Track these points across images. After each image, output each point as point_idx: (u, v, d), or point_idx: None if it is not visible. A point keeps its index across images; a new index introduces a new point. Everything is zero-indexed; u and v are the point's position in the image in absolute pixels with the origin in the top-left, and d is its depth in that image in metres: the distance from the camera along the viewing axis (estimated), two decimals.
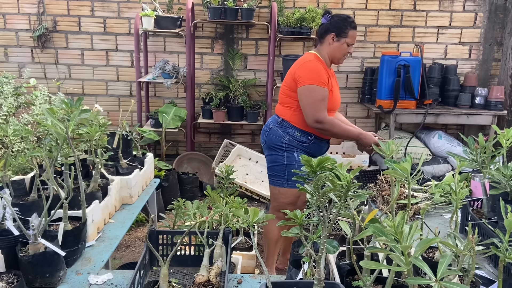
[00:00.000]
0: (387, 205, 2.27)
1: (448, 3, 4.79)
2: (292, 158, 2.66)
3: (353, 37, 2.70)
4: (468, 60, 4.94)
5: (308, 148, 2.69)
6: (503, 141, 1.78)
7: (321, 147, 2.76)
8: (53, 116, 1.60)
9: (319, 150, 2.74)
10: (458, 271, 1.00)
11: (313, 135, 2.67)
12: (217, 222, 2.13)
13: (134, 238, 3.59)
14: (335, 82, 2.75)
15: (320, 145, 2.74)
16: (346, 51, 2.70)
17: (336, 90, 2.72)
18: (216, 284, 1.52)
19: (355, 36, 2.71)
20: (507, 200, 1.73)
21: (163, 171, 4.00)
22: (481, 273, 1.63)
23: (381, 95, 4.38)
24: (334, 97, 2.66)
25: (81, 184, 1.78)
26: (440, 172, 4.51)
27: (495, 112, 4.39)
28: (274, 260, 2.80)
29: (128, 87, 4.95)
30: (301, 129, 2.67)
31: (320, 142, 2.71)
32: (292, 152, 2.66)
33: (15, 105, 3.63)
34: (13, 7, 4.71)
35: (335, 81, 2.76)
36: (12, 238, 1.62)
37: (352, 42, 2.70)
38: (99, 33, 4.79)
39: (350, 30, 2.66)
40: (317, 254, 1.25)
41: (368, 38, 4.86)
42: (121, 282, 1.67)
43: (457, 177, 1.47)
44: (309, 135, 2.67)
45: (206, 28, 4.80)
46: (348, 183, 1.17)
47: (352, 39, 2.69)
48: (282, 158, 2.66)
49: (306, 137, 2.66)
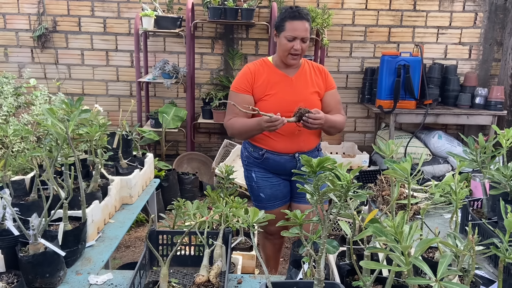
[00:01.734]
0: (387, 205, 2.27)
1: (448, 3, 4.79)
2: (251, 178, 2.47)
3: (292, 29, 2.26)
4: (468, 60, 4.94)
5: (263, 165, 2.41)
6: (503, 141, 1.78)
7: (280, 164, 2.37)
8: (53, 116, 1.60)
9: (279, 166, 2.38)
10: (458, 271, 1.00)
11: (264, 150, 2.37)
12: (217, 222, 2.12)
13: (134, 238, 3.59)
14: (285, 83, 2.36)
15: (277, 161, 2.36)
16: (287, 47, 2.28)
17: (279, 92, 2.33)
18: (216, 284, 1.52)
19: (295, 27, 2.26)
20: (507, 200, 1.73)
21: (163, 171, 4.00)
22: (481, 273, 1.63)
23: (381, 95, 4.38)
24: (273, 101, 2.30)
25: (81, 184, 1.78)
26: (440, 172, 4.51)
27: (495, 112, 4.39)
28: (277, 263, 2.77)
29: (128, 87, 4.95)
30: (252, 143, 2.42)
31: (275, 156, 2.36)
32: (250, 171, 2.47)
33: (15, 105, 3.63)
34: (13, 7, 4.71)
35: (290, 81, 2.36)
36: (12, 238, 1.62)
37: (291, 35, 2.26)
38: (99, 33, 4.79)
39: (287, 21, 2.27)
40: (317, 254, 1.25)
41: (368, 38, 4.86)
42: (121, 282, 1.67)
43: (457, 177, 1.47)
44: (259, 149, 2.39)
45: (206, 28, 4.80)
46: (348, 183, 1.17)
47: (291, 32, 2.26)
48: (245, 178, 2.53)
49: (257, 152, 2.39)
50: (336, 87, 2.50)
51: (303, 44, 2.30)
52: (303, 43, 2.30)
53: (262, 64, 2.41)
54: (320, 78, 2.44)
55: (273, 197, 2.47)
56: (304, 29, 2.28)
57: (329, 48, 4.83)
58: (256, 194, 2.51)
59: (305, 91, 2.38)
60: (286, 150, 2.36)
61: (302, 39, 2.29)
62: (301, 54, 2.33)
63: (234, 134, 2.41)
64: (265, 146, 2.37)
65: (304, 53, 2.37)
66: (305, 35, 2.29)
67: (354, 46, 4.89)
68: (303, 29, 2.28)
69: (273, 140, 2.35)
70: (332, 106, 2.45)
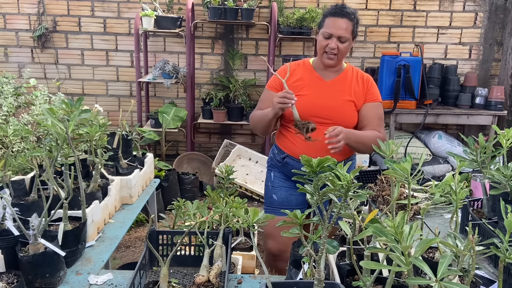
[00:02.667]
0: (387, 205, 2.27)
1: (448, 3, 4.79)
2: (268, 177, 2.39)
3: (329, 25, 2.13)
4: (468, 60, 4.94)
5: (283, 169, 2.32)
6: (503, 141, 1.78)
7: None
8: (53, 116, 1.60)
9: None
10: (458, 271, 1.00)
11: (286, 154, 2.28)
12: (217, 222, 2.12)
13: (134, 238, 3.59)
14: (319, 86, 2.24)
15: (296, 167, 2.13)
16: (322, 44, 2.17)
17: (310, 94, 2.22)
18: (216, 284, 1.52)
19: (331, 24, 2.13)
20: (507, 200, 1.73)
21: (163, 171, 4.00)
22: (481, 273, 1.63)
23: (381, 95, 4.37)
24: (301, 102, 2.15)
25: (81, 184, 1.78)
26: (440, 172, 4.51)
27: (495, 112, 4.39)
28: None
29: (128, 87, 4.95)
30: (278, 145, 2.35)
31: (295, 163, 2.24)
32: (270, 171, 2.39)
33: (15, 105, 3.62)
34: (13, 7, 4.71)
35: (324, 85, 2.24)
36: (12, 238, 1.62)
37: (327, 31, 2.13)
38: (99, 33, 4.79)
39: (327, 17, 2.16)
40: (317, 254, 1.25)
41: (368, 38, 4.86)
42: (121, 282, 1.67)
43: (457, 177, 1.47)
44: (282, 153, 2.29)
45: (206, 28, 4.80)
46: (348, 183, 1.17)
47: (327, 28, 2.14)
48: (266, 180, 2.44)
49: (280, 155, 2.31)
50: (379, 101, 2.29)
51: (340, 43, 2.13)
52: (340, 43, 2.13)
53: (300, 64, 2.32)
54: (362, 87, 2.27)
55: (286, 202, 2.33)
56: (343, 27, 2.11)
57: (352, 48, 4.81)
58: (269, 195, 2.40)
59: (339, 98, 2.22)
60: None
61: (339, 38, 2.12)
62: (338, 55, 2.16)
63: (252, 123, 2.33)
64: (287, 150, 2.28)
65: (343, 55, 2.21)
66: (343, 34, 2.11)
67: (354, 46, 4.88)
68: (341, 27, 2.11)
69: (294, 145, 2.25)
70: (369, 120, 2.24)
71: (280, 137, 2.34)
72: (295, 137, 2.20)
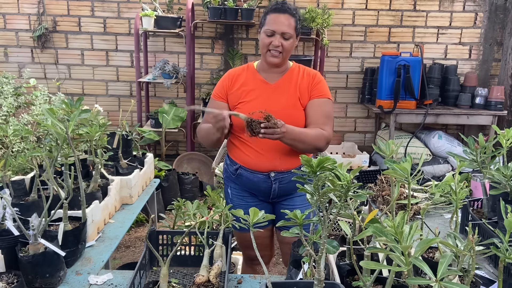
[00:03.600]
0: (387, 205, 2.27)
1: (448, 3, 4.79)
2: (226, 194, 2.24)
3: (271, 22, 2.00)
4: (468, 60, 4.94)
5: (238, 181, 2.15)
6: (503, 141, 1.78)
7: (254, 183, 2.09)
8: (53, 116, 1.60)
9: (253, 185, 2.10)
10: (458, 271, 1.00)
11: (238, 165, 2.11)
12: (217, 222, 2.12)
13: (134, 238, 3.59)
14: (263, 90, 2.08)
15: (250, 179, 2.09)
16: (265, 42, 2.01)
17: (254, 100, 2.07)
18: (216, 284, 1.52)
19: (273, 21, 1.99)
20: (507, 200, 1.73)
21: (163, 171, 4.00)
22: (481, 273, 1.63)
23: (381, 95, 4.38)
24: (246, 108, 2.02)
25: (81, 184, 1.78)
26: (440, 172, 4.51)
27: (495, 112, 4.39)
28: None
29: (128, 87, 4.95)
30: (229, 156, 2.19)
31: (248, 174, 2.08)
32: (227, 186, 2.23)
33: (15, 105, 3.63)
34: (13, 7, 4.71)
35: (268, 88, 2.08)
36: (12, 238, 1.62)
37: (270, 28, 1.99)
38: (99, 33, 4.79)
39: (268, 15, 2.03)
40: (317, 254, 1.25)
41: (368, 38, 4.86)
42: (121, 282, 1.67)
43: (457, 177, 1.47)
44: (234, 164, 2.13)
45: (206, 28, 4.80)
46: (348, 183, 1.17)
47: (269, 25, 2.00)
48: (224, 193, 2.32)
49: (232, 166, 2.14)
50: (327, 98, 2.09)
51: (284, 40, 1.99)
52: (284, 40, 1.99)
53: (244, 68, 2.17)
54: (307, 83, 2.09)
55: None
56: (285, 23, 1.99)
57: (329, 48, 4.83)
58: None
59: (285, 101, 2.06)
60: (259, 168, 2.06)
61: (282, 35, 1.98)
62: (283, 53, 2.02)
63: (199, 138, 2.19)
64: (239, 161, 2.11)
65: (288, 53, 2.05)
66: (286, 30, 1.98)
67: (354, 46, 4.89)
68: (284, 23, 1.98)
69: (246, 155, 2.09)
70: (313, 117, 2.05)
71: (231, 147, 2.18)
72: (247, 147, 2.08)
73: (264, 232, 2.19)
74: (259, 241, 2.18)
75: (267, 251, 2.33)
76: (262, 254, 2.26)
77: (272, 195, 2.13)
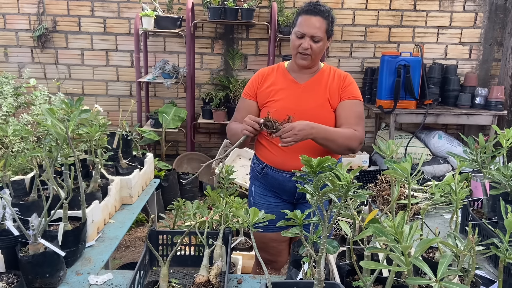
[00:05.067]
0: (387, 205, 2.27)
1: (448, 3, 4.79)
2: (250, 191, 2.28)
3: (302, 24, 2.00)
4: (468, 60, 4.94)
5: (263, 180, 2.19)
6: (503, 141, 1.78)
7: (279, 182, 2.12)
8: (53, 116, 1.60)
9: (278, 184, 2.13)
10: (458, 271, 1.00)
11: (264, 164, 2.15)
12: (217, 222, 2.12)
13: (134, 238, 3.59)
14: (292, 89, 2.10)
15: (276, 178, 2.12)
16: (294, 44, 2.03)
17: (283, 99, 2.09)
18: (216, 284, 1.52)
19: (304, 23, 2.00)
20: (507, 200, 1.73)
21: (163, 171, 4.00)
22: (481, 273, 1.63)
23: (381, 95, 4.38)
24: (275, 107, 2.06)
25: (81, 184, 1.78)
26: (440, 172, 4.51)
27: (495, 112, 4.39)
28: None
29: (128, 87, 4.95)
30: (257, 155, 2.23)
31: (274, 173, 2.12)
32: (252, 184, 2.27)
33: (15, 105, 3.62)
34: (13, 7, 4.71)
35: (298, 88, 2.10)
36: (12, 238, 1.62)
37: (300, 30, 2.00)
38: (99, 33, 4.79)
39: (300, 16, 2.03)
40: (317, 254, 1.25)
41: (368, 38, 4.86)
42: (121, 282, 1.67)
43: (457, 177, 1.47)
44: (261, 163, 2.18)
45: (206, 28, 4.80)
46: (348, 183, 1.17)
47: (300, 27, 2.00)
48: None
49: (259, 165, 2.18)
50: (358, 99, 2.10)
51: (313, 43, 2.00)
52: (313, 43, 2.00)
53: (275, 68, 2.19)
54: (337, 84, 2.10)
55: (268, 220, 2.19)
56: (316, 25, 1.98)
57: (329, 48, 4.83)
58: None
59: (313, 102, 2.07)
60: (284, 167, 2.08)
61: (312, 38, 1.99)
62: (312, 55, 2.03)
63: (228, 136, 2.24)
64: (266, 160, 2.15)
65: (318, 55, 2.06)
66: (316, 33, 1.98)
67: (354, 46, 4.89)
68: (315, 25, 1.97)
69: (273, 155, 2.12)
70: (345, 118, 2.06)
71: (258, 147, 2.21)
72: (274, 146, 2.10)
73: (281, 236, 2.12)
74: (275, 244, 2.22)
75: (280, 257, 2.29)
76: (274, 259, 2.29)
77: (297, 195, 2.14)
